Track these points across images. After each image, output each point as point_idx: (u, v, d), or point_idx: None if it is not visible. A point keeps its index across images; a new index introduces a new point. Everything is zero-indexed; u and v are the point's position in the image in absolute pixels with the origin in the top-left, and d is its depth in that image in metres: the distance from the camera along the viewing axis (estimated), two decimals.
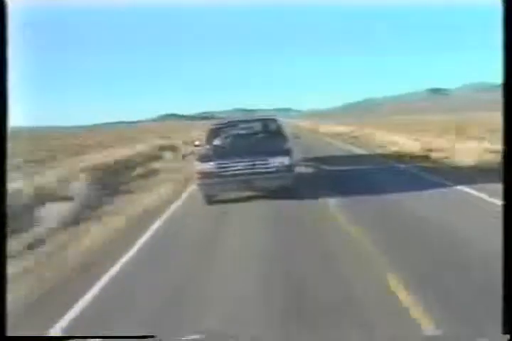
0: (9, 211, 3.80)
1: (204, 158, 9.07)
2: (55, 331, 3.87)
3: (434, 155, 15.11)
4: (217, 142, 10.51)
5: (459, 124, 34.91)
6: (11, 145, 3.22)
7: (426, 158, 14.62)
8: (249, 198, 9.24)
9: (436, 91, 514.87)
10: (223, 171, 8.69)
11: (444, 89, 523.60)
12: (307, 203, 8.54)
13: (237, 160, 8.74)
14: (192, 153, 10.11)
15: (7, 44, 3.10)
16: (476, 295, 3.99)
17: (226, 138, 10.76)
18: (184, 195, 10.38)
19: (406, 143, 19.77)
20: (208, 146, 10.27)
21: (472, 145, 15.51)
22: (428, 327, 3.46)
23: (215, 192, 9.08)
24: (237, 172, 8.68)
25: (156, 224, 7.67)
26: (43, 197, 9.24)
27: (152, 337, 2.71)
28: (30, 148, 26.99)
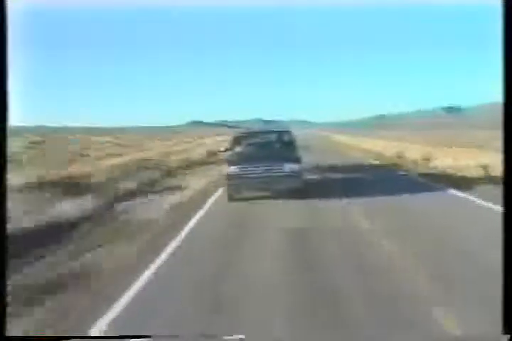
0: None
1: (230, 163, 11.02)
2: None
3: None
4: (239, 149, 12.30)
5: None
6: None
7: None
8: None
9: (451, 109, 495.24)
10: (245, 174, 10.51)
11: (460, 108, 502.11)
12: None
13: (257, 164, 10.57)
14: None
15: (7, 43, 3.17)
16: None
17: (248, 145, 12.54)
18: None
19: None
20: (232, 152, 12.12)
21: None
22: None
23: (239, 190, 10.85)
24: (256, 174, 10.51)
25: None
26: None
27: (149, 336, 2.55)
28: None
